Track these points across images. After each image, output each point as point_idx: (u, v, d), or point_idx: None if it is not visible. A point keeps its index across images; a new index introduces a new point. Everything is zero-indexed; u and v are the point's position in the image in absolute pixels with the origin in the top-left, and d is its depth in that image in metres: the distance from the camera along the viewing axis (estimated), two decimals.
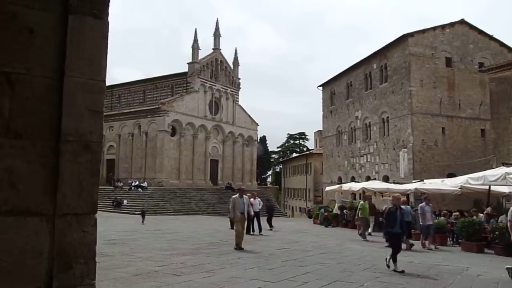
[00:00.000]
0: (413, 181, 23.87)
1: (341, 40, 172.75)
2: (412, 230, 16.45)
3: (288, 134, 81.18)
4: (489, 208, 16.34)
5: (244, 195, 12.27)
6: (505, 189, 17.24)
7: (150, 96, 53.31)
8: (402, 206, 14.30)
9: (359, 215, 17.60)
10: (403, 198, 16.13)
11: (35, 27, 1.96)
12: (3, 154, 1.84)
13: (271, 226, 20.08)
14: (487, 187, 15.87)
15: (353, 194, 29.99)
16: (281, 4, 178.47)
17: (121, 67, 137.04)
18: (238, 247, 11.21)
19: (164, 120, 45.31)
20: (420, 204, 14.67)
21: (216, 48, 53.05)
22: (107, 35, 2.19)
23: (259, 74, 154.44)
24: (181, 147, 47.26)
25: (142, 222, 22.41)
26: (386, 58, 31.96)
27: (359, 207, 17.98)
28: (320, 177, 47.07)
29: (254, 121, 57.91)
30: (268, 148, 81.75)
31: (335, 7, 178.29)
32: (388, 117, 31.57)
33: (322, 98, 44.19)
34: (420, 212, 14.17)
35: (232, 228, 18.54)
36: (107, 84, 2.25)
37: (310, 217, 34.63)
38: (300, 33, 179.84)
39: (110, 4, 2.21)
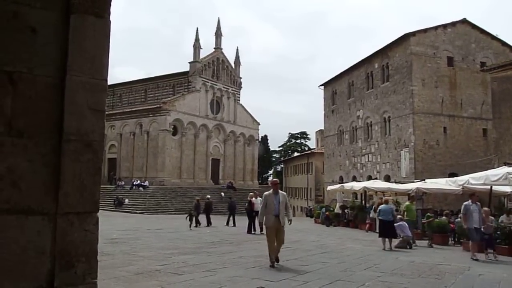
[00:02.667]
0: (415, 180, 23.85)
1: (343, 40, 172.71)
2: (414, 230, 16.44)
3: (290, 133, 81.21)
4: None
5: (280, 191, 8.84)
6: (507, 189, 17.20)
7: (151, 95, 53.36)
8: (382, 206, 13.93)
9: (405, 218, 15.28)
10: (386, 198, 15.96)
11: (37, 26, 1.96)
12: (5, 152, 1.84)
13: (234, 223, 21.30)
14: (488, 187, 15.84)
15: (354, 193, 29.97)
16: (284, 3, 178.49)
17: (123, 67, 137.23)
18: (272, 263, 8.27)
19: (165, 119, 45.35)
20: (465, 203, 11.97)
21: (218, 47, 53.07)
22: (109, 34, 2.19)
23: (260, 73, 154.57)
24: (183, 146, 47.29)
25: (190, 226, 18.98)
26: (388, 57, 31.93)
27: (403, 208, 15.69)
28: (322, 176, 47.05)
29: (255, 121, 57.91)
30: (270, 147, 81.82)
31: (338, 7, 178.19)
32: (389, 117, 31.55)
33: (324, 98, 44.17)
34: (463, 212, 11.72)
35: (250, 231, 18.14)
36: (109, 83, 2.26)
37: (311, 216, 34.64)
38: (303, 32, 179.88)
39: (112, 3, 2.21)
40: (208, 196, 24.93)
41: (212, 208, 22.74)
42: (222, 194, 45.59)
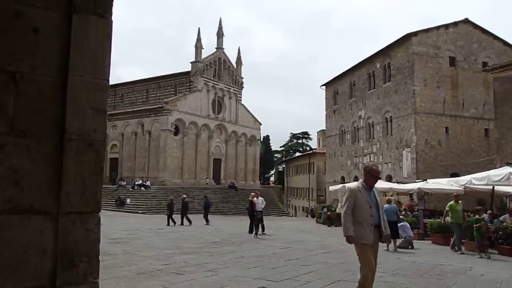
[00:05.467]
0: (416, 180, 23.82)
1: (346, 40, 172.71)
2: (416, 230, 16.41)
3: (291, 133, 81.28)
4: (489, 211, 16.07)
5: (375, 187, 5.39)
6: (509, 189, 17.17)
7: (153, 95, 53.40)
8: (385, 205, 13.81)
9: (449, 220, 13.73)
10: (387, 197, 15.81)
11: (40, 26, 1.96)
12: (7, 152, 1.85)
13: (207, 221, 22.58)
14: (490, 187, 15.80)
15: None
16: (287, 3, 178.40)
17: (126, 67, 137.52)
18: None
19: (167, 119, 45.38)
20: None
21: (219, 47, 53.07)
22: (111, 34, 2.19)
23: (262, 73, 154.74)
24: (184, 146, 47.31)
25: (256, 233, 16.21)
26: (390, 57, 31.90)
27: (446, 208, 13.87)
28: (323, 176, 47.02)
29: (257, 121, 57.90)
30: (271, 147, 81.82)
31: (340, 7, 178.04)
32: (391, 117, 31.51)
33: (325, 98, 44.15)
34: None
35: (251, 231, 17.50)
36: (111, 83, 2.26)
37: (313, 216, 34.64)
38: (305, 32, 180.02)
39: (115, 3, 2.21)
40: (184, 195, 25.19)
41: (188, 207, 23.28)
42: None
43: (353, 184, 5.40)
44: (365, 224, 5.04)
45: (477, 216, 12.98)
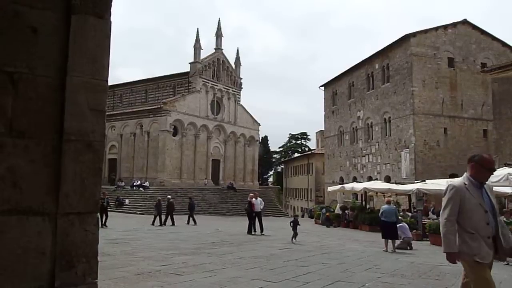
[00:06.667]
0: (415, 181, 23.84)
1: (345, 40, 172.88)
2: (414, 231, 16.42)
3: (290, 134, 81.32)
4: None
5: (488, 185, 3.87)
6: (507, 190, 17.17)
7: (152, 96, 53.38)
8: (385, 206, 13.85)
9: None
10: (386, 198, 15.83)
11: (38, 27, 1.96)
12: (6, 153, 1.84)
13: (195, 222, 22.66)
14: None
15: (355, 194, 29.97)
16: (286, 4, 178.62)
17: (125, 67, 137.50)
18: None
19: (166, 120, 45.36)
20: None
21: (218, 48, 53.08)
22: (110, 35, 2.19)
23: (261, 74, 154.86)
24: (183, 147, 47.29)
25: (294, 238, 14.56)
26: (388, 58, 31.95)
27: None
28: (322, 177, 47.06)
29: (256, 121, 57.91)
30: (270, 148, 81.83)
31: (339, 7, 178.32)
32: (390, 117, 31.56)
33: (324, 98, 44.21)
34: None
35: (250, 232, 17.57)
36: (110, 83, 2.26)
37: (311, 217, 34.63)
38: (304, 33, 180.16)
39: (113, 4, 2.21)
40: (169, 196, 25.41)
41: (174, 207, 23.52)
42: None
43: (457, 181, 3.96)
44: (480, 235, 3.64)
45: (504, 218, 12.11)
